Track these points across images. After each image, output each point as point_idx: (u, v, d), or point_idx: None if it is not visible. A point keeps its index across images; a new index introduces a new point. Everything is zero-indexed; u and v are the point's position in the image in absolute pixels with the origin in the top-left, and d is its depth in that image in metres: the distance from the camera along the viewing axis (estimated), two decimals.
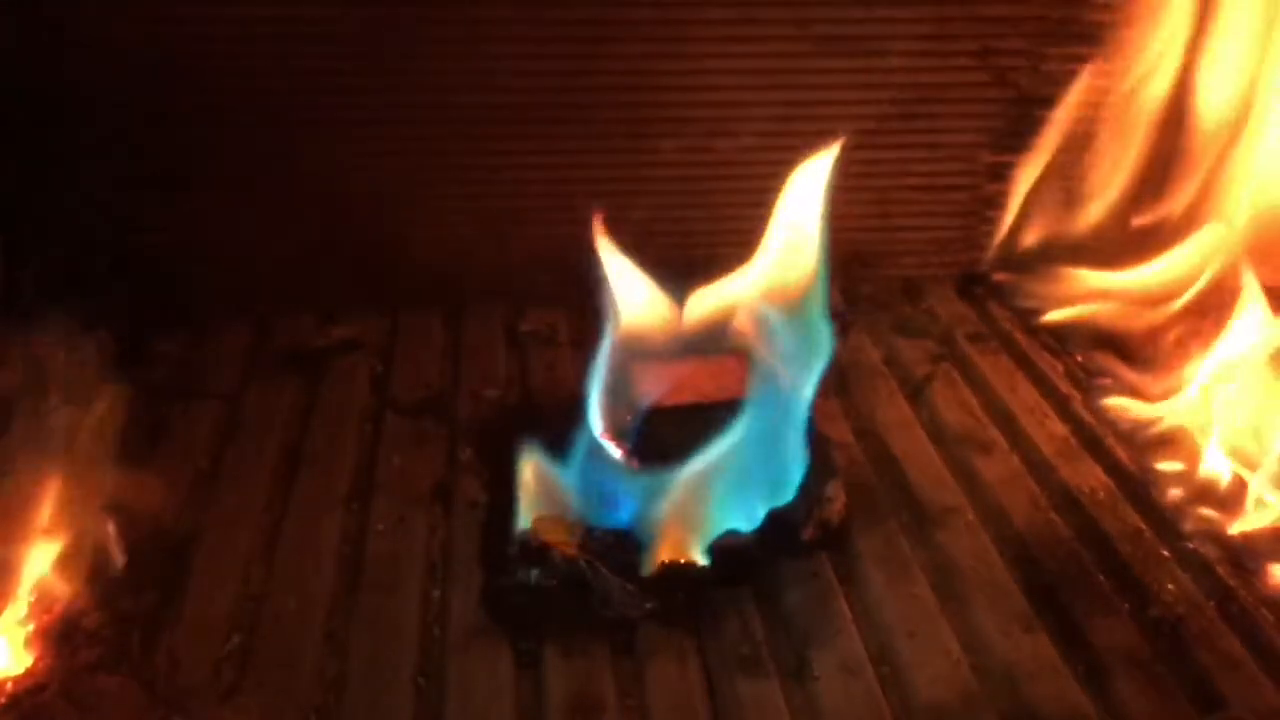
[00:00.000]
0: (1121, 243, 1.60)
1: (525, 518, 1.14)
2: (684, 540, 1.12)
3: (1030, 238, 1.66)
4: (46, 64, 1.41)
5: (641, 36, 1.50)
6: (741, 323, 1.20)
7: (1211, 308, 1.42)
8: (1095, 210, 1.61)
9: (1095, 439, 1.37)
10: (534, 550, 1.09)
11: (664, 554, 1.12)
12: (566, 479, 1.15)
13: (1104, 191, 1.60)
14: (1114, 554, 1.19)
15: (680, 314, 1.25)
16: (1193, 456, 1.28)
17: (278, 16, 1.44)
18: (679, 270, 1.26)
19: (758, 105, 1.55)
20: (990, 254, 1.71)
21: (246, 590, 1.13)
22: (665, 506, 1.12)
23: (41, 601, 1.05)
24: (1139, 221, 1.58)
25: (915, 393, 1.47)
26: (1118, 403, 1.41)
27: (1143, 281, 1.53)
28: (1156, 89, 1.53)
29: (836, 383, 1.48)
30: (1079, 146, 1.60)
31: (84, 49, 1.41)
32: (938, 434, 1.39)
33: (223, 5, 1.42)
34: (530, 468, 1.15)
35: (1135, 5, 1.50)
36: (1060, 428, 1.39)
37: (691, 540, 1.13)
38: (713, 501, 1.13)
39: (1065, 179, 1.62)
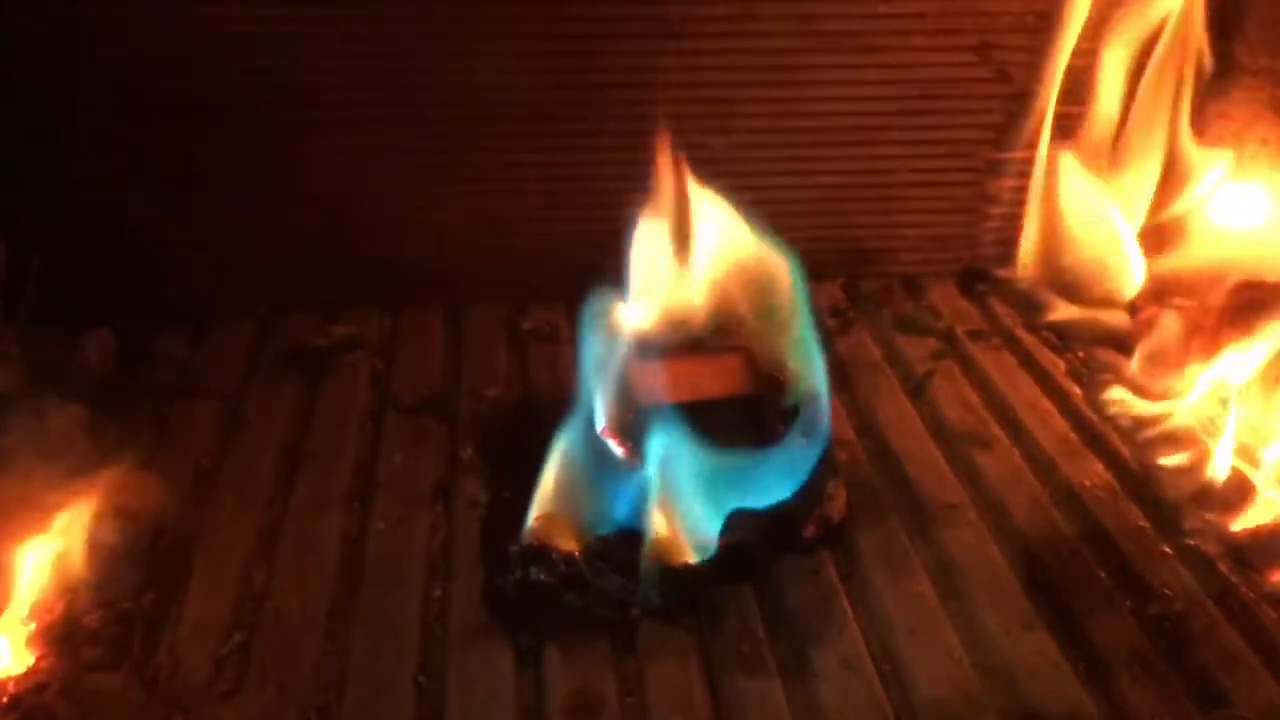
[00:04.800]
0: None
1: (528, 516, 1.13)
2: (684, 538, 1.12)
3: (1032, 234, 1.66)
4: (46, 64, 1.41)
5: (642, 34, 1.50)
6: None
7: (1215, 304, 1.42)
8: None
9: (1097, 436, 1.37)
10: (535, 549, 1.09)
11: (664, 552, 1.12)
12: (570, 476, 1.15)
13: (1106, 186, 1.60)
14: (1115, 551, 1.19)
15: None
16: (1194, 453, 1.28)
17: (278, 16, 1.44)
18: None
19: (759, 102, 1.55)
20: (992, 250, 1.70)
21: (247, 589, 1.13)
22: (664, 504, 1.12)
23: (43, 601, 1.05)
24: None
25: (917, 390, 1.47)
26: (1119, 399, 1.41)
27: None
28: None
29: (838, 380, 1.48)
30: (1080, 141, 1.59)
31: (84, 49, 1.41)
32: (939, 431, 1.39)
33: (223, 5, 1.42)
34: (548, 465, 1.14)
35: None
36: (1062, 424, 1.39)
37: (691, 538, 1.12)
38: (711, 499, 1.13)
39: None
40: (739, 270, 1.23)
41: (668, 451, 1.10)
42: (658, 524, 1.10)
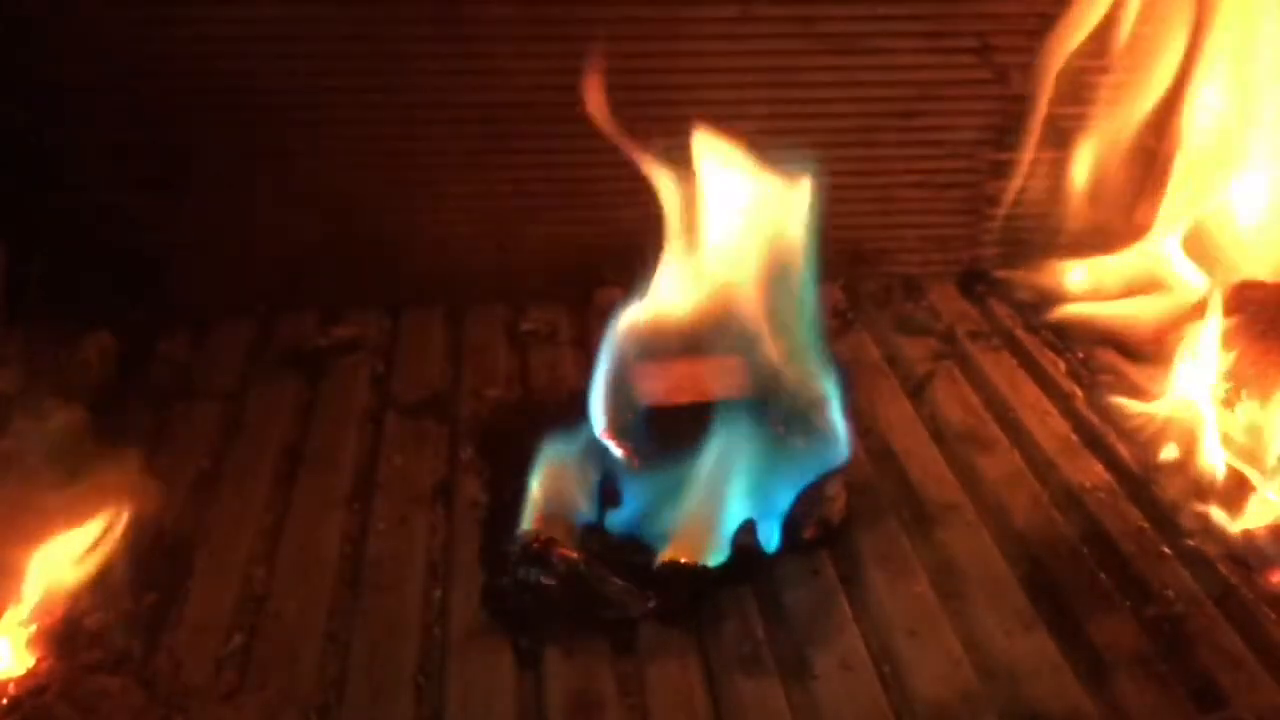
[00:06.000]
0: (1124, 239, 1.60)
1: (527, 518, 1.14)
2: (694, 539, 1.12)
3: (1032, 235, 1.66)
4: (45, 64, 1.41)
5: (642, 35, 1.50)
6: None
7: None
8: (1098, 206, 1.61)
9: (1097, 436, 1.37)
10: (534, 550, 1.10)
11: (672, 553, 1.12)
12: (572, 476, 1.15)
13: (1106, 187, 1.60)
14: (1115, 552, 1.19)
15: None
16: (1194, 453, 1.28)
17: (277, 17, 1.44)
18: None
19: (758, 104, 1.55)
20: (991, 251, 1.71)
21: (248, 590, 1.13)
22: (678, 506, 1.12)
23: (43, 603, 1.05)
24: (1142, 217, 1.58)
25: (916, 390, 1.47)
26: (1119, 400, 1.41)
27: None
28: (1159, 84, 1.54)
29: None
30: (1081, 142, 1.59)
31: (83, 49, 1.41)
32: (939, 432, 1.39)
33: (222, 5, 1.42)
34: (547, 466, 1.15)
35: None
36: (1062, 425, 1.39)
37: (702, 539, 1.13)
38: (726, 501, 1.13)
39: (1068, 175, 1.62)
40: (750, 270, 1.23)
41: (718, 449, 1.10)
42: (679, 523, 1.10)
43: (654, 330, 1.21)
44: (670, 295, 1.23)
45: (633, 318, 1.21)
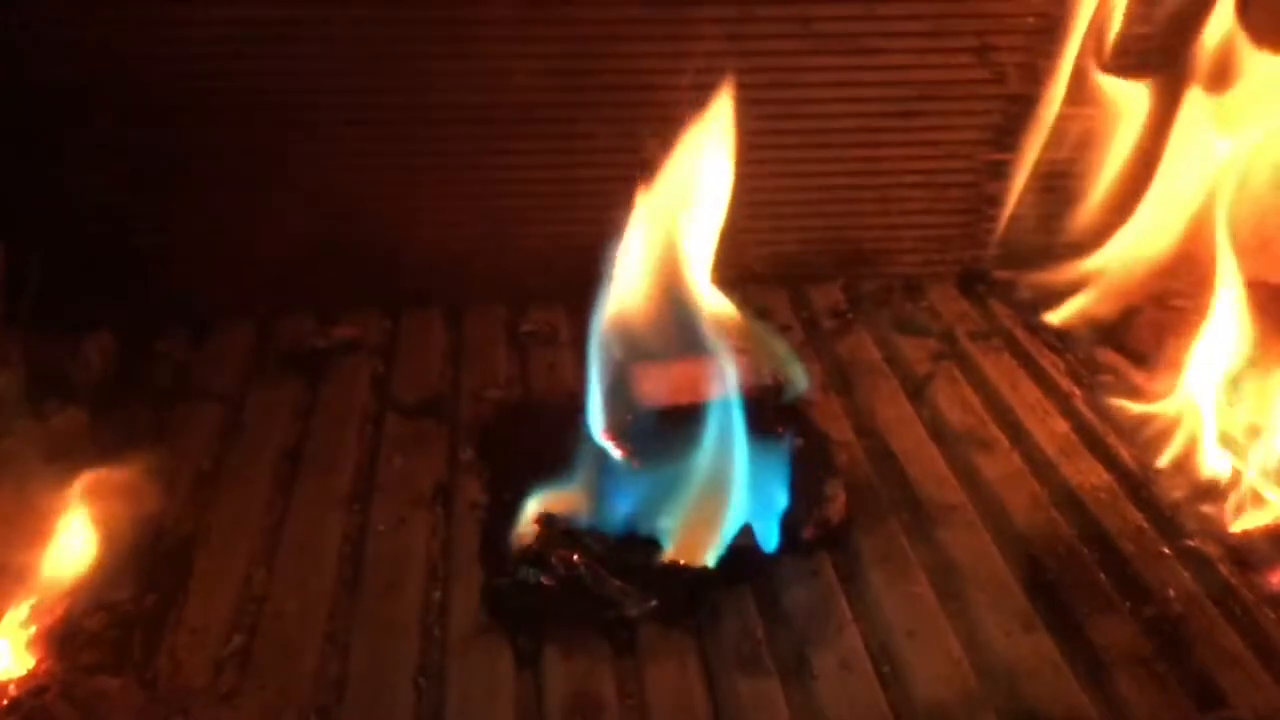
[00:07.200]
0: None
1: (526, 518, 1.14)
2: (693, 540, 1.12)
3: (1032, 235, 1.66)
4: (45, 64, 1.41)
5: (642, 35, 1.50)
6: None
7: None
8: (1097, 206, 1.61)
9: (1097, 437, 1.37)
10: (534, 550, 1.10)
11: (671, 554, 1.12)
12: (569, 481, 1.15)
13: (1106, 187, 1.60)
14: (1115, 552, 1.19)
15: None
16: (1194, 454, 1.28)
17: (276, 17, 1.44)
18: None
19: (758, 104, 1.55)
20: (991, 251, 1.70)
21: (247, 591, 1.13)
22: (677, 506, 1.12)
23: (43, 604, 1.05)
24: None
25: (916, 391, 1.47)
26: (1119, 400, 1.41)
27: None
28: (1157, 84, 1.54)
29: (838, 382, 1.48)
30: (1080, 142, 1.59)
31: (83, 49, 1.41)
32: (939, 432, 1.39)
33: (222, 5, 1.42)
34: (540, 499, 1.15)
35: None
36: (1062, 425, 1.39)
37: (701, 540, 1.13)
38: (725, 501, 1.13)
39: (1067, 175, 1.62)
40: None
41: (710, 450, 1.11)
42: (678, 523, 1.10)
43: (632, 324, 1.21)
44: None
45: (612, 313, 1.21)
